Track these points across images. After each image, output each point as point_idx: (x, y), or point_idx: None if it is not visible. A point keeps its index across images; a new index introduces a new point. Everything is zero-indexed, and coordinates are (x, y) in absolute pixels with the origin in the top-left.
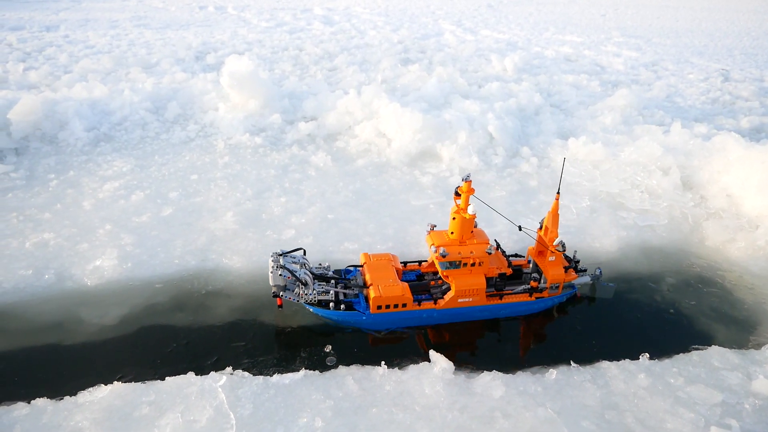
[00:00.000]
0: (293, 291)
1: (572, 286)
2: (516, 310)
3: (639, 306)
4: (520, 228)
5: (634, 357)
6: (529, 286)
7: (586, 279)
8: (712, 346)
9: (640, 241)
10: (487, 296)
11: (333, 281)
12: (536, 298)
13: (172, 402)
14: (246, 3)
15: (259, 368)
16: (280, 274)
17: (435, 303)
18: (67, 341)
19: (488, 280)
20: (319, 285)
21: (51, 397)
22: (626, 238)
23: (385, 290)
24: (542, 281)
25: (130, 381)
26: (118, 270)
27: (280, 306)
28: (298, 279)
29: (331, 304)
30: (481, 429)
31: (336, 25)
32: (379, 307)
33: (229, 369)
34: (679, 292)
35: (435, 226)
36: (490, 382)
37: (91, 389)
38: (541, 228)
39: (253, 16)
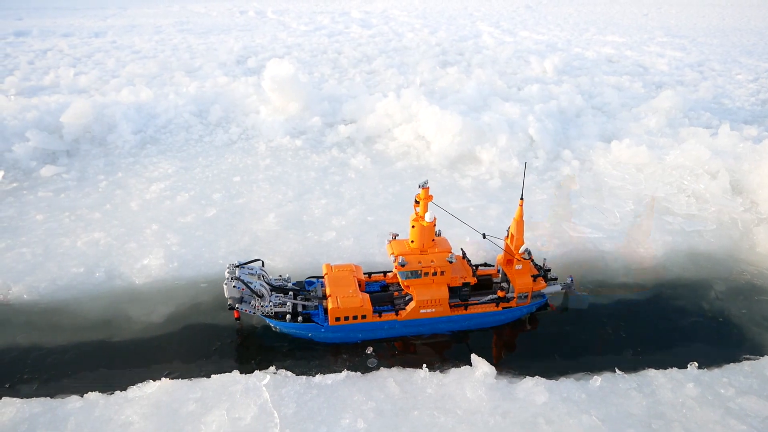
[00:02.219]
0: (249, 303)
1: (542, 295)
2: (482, 321)
3: (686, 313)
4: (484, 236)
5: (682, 366)
6: (496, 296)
7: (556, 288)
8: (765, 356)
9: (687, 247)
10: (451, 306)
11: (291, 293)
12: (503, 308)
13: (217, 399)
14: (285, 7)
15: (301, 368)
16: (234, 286)
17: (396, 314)
18: (116, 337)
19: (453, 290)
20: (276, 297)
21: (102, 391)
22: (672, 243)
23: (344, 301)
24: (510, 290)
25: (177, 378)
26: (164, 269)
27: (237, 318)
28: (252, 291)
29: (288, 316)
30: None
31: (374, 28)
32: (338, 319)
33: (272, 368)
34: (728, 300)
35: (397, 235)
36: (533, 387)
37: (140, 385)
38: (507, 236)
39: (292, 20)
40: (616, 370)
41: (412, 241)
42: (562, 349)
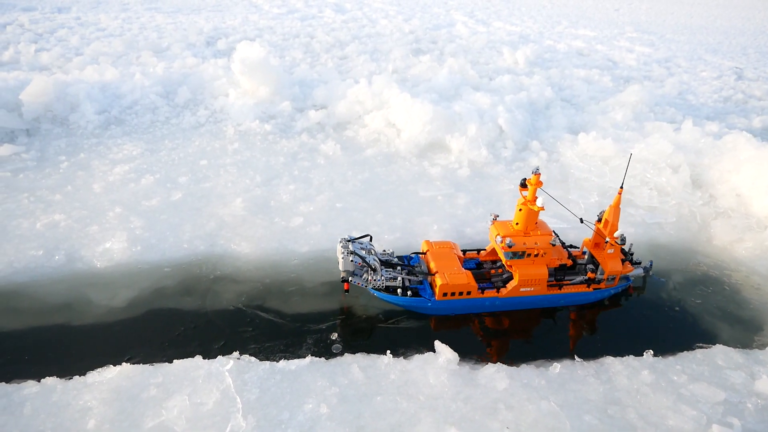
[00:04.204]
0: (362, 276)
1: (627, 278)
2: (573, 300)
3: (644, 303)
4: (581, 221)
5: (638, 353)
6: (586, 277)
7: (639, 271)
8: (717, 344)
9: (648, 239)
10: (547, 286)
11: (399, 267)
12: (593, 288)
13: (179, 384)
14: None
15: (265, 354)
16: (352, 260)
17: (497, 291)
18: (77, 322)
19: (549, 270)
20: (387, 271)
21: (60, 376)
22: (634, 234)
23: (452, 278)
24: (599, 272)
25: (138, 363)
26: (127, 253)
27: (347, 291)
28: (368, 265)
29: (399, 290)
30: (484, 420)
31: (347, 14)
32: (445, 294)
33: (236, 354)
34: (685, 291)
35: (498, 216)
36: (494, 374)
37: (99, 370)
38: (599, 221)
39: (264, 2)
40: (575, 357)
41: (517, 223)
42: (524, 336)
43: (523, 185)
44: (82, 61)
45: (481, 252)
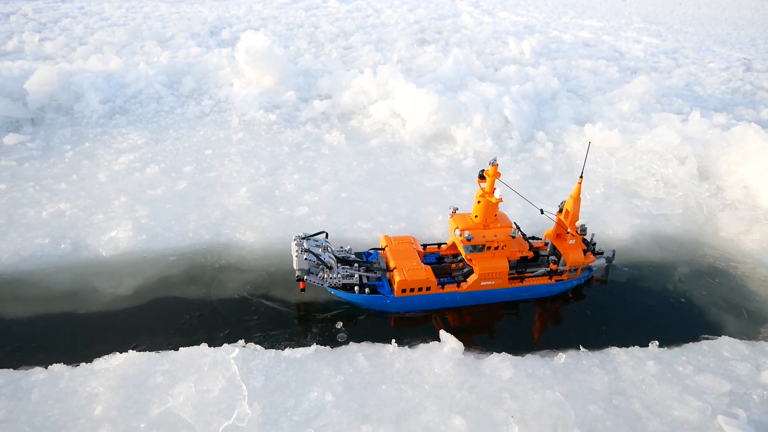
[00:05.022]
0: (317, 275)
1: (590, 269)
2: (536, 293)
3: (650, 294)
4: (542, 211)
5: (644, 344)
6: (548, 269)
7: (602, 261)
8: (722, 336)
9: (654, 230)
10: (508, 279)
11: (356, 264)
12: (556, 280)
13: (185, 372)
14: None
15: (270, 342)
16: (306, 258)
17: (458, 286)
18: (83, 310)
19: (510, 263)
20: (343, 268)
21: (67, 363)
22: (640, 226)
23: (410, 274)
24: (561, 264)
25: (144, 350)
26: (132, 242)
27: (303, 290)
28: (323, 263)
29: (356, 288)
30: (489, 409)
31: (352, 3)
32: (404, 291)
33: (241, 342)
34: (691, 282)
35: (457, 209)
36: (499, 363)
37: (106, 357)
38: (560, 211)
39: None
40: (581, 347)
41: (476, 216)
42: (529, 326)
43: (482, 177)
44: (86, 50)
45: (442, 246)
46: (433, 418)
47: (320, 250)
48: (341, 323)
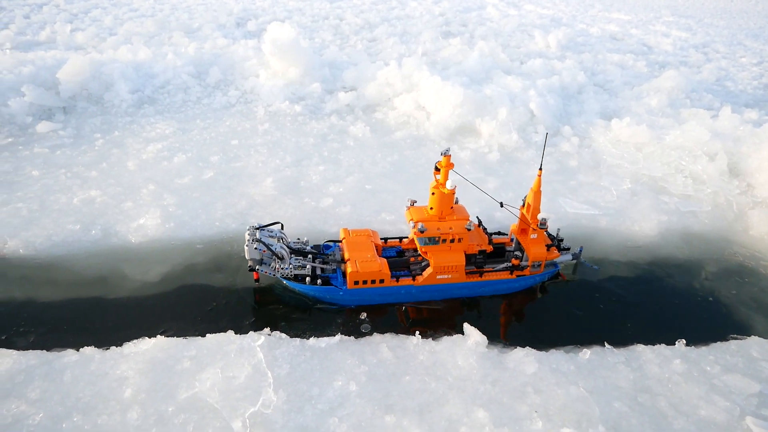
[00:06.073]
0: (270, 265)
1: (555, 265)
2: (496, 288)
3: (677, 292)
4: (501, 204)
5: (670, 342)
6: (510, 263)
7: (568, 257)
8: (752, 336)
9: (682, 227)
10: (466, 273)
11: (310, 256)
12: (517, 276)
13: (212, 358)
14: None
15: (295, 331)
16: (256, 248)
17: (413, 279)
18: (112, 294)
19: (468, 257)
20: (296, 259)
21: (98, 346)
22: (667, 223)
23: (363, 266)
24: (524, 259)
25: (172, 336)
26: (160, 229)
27: (257, 280)
28: (273, 253)
29: (307, 279)
30: (512, 403)
31: None
32: (356, 283)
33: (266, 330)
34: (719, 281)
35: (415, 201)
36: (523, 357)
37: (135, 341)
38: (523, 205)
39: None
40: (605, 344)
41: (431, 208)
42: (552, 321)
43: (437, 168)
44: (115, 41)
45: (404, 240)
46: (457, 410)
47: (274, 240)
48: (365, 314)
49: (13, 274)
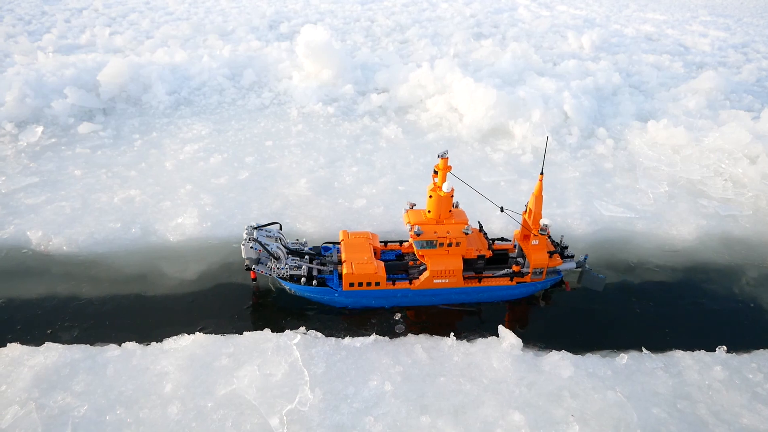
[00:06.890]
0: (266, 265)
1: (558, 272)
2: (496, 295)
3: (716, 297)
4: (502, 209)
5: (710, 349)
6: (511, 270)
7: (571, 265)
8: None
9: (721, 231)
10: (464, 278)
11: (307, 257)
12: (517, 282)
13: (249, 355)
14: None
15: (330, 330)
16: (252, 247)
17: (410, 283)
18: (151, 292)
19: (467, 262)
20: (293, 260)
21: (139, 341)
22: (706, 227)
23: (358, 268)
24: (525, 265)
25: (210, 333)
26: (198, 228)
27: (254, 279)
28: (269, 253)
29: (303, 279)
30: (548, 406)
31: None
32: (352, 285)
33: (302, 328)
34: (761, 287)
35: (414, 204)
36: (559, 361)
37: (175, 337)
38: (525, 211)
39: None
40: (643, 349)
41: (429, 211)
42: (589, 326)
43: (435, 171)
44: (152, 44)
45: (404, 244)
46: (492, 412)
47: (272, 240)
48: (399, 314)
49: (57, 271)
